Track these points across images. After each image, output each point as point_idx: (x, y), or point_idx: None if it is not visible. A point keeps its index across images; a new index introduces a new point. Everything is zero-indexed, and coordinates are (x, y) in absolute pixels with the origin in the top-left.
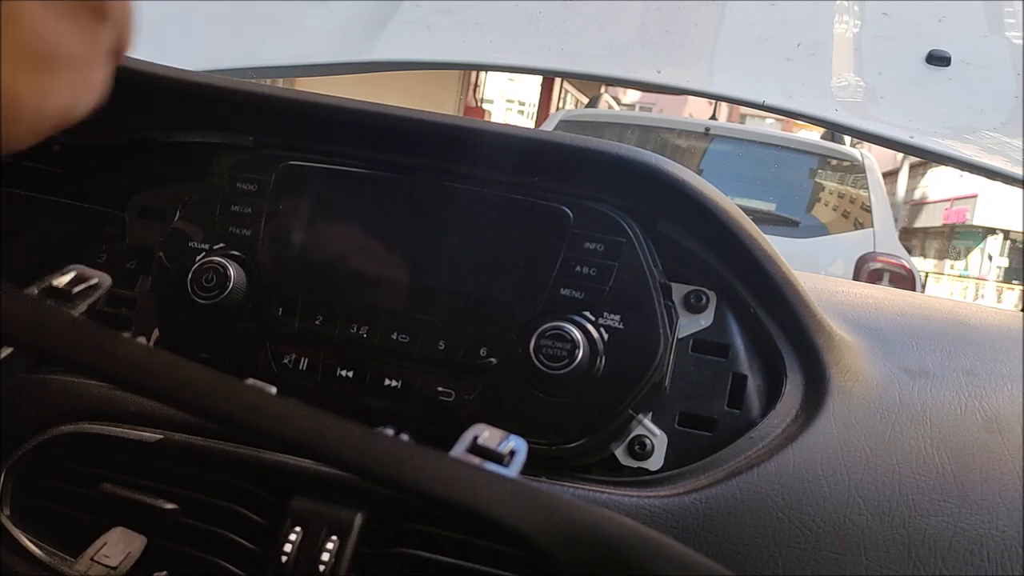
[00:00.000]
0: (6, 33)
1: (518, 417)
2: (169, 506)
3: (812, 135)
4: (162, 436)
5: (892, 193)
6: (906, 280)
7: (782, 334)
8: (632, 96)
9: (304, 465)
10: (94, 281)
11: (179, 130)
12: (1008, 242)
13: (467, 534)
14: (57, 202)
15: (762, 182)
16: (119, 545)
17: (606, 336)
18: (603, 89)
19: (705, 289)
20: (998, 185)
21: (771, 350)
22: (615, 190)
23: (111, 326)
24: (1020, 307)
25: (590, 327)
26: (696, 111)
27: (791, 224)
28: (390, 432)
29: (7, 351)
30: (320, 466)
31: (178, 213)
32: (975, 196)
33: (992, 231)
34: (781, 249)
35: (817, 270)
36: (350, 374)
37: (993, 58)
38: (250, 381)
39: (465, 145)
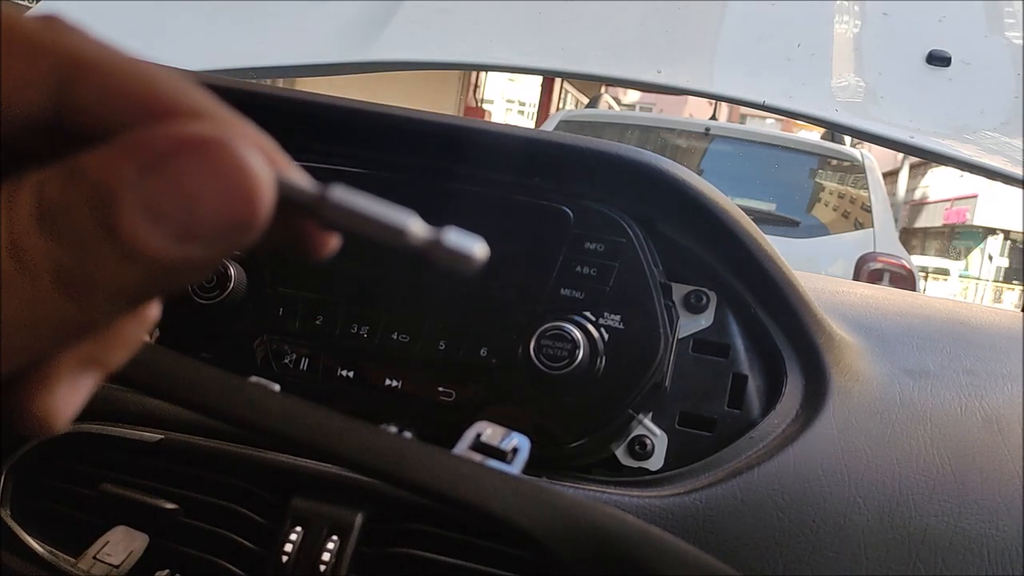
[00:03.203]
0: None
1: (518, 417)
2: (170, 506)
3: (812, 135)
4: (163, 436)
5: (892, 193)
6: (906, 280)
7: (782, 334)
8: (632, 96)
9: (304, 465)
10: None
11: None
12: (1008, 242)
13: (468, 534)
14: None
15: (762, 182)
16: (121, 544)
17: (606, 336)
18: (603, 89)
19: (705, 289)
20: (998, 185)
21: (771, 350)
22: (615, 190)
23: None
24: (1020, 307)
25: (590, 327)
26: (696, 111)
27: (791, 224)
28: (393, 430)
29: None
30: (320, 465)
31: None
32: (975, 196)
33: (992, 231)
34: (781, 249)
35: (817, 270)
36: (350, 374)
37: (993, 58)
38: (253, 379)
39: (465, 145)
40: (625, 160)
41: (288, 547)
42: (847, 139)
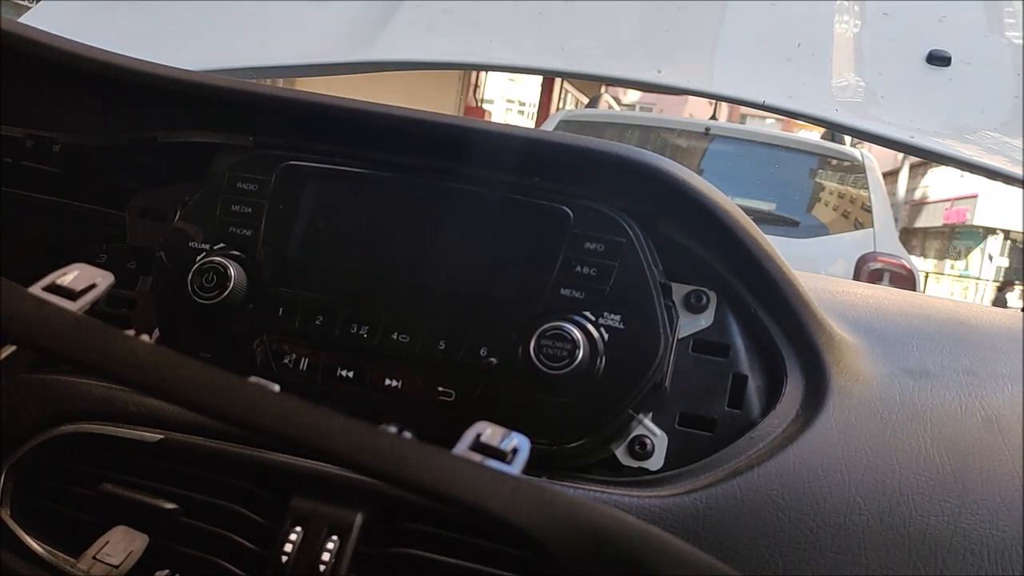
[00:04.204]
0: None
1: (519, 417)
2: (169, 506)
3: (812, 135)
4: (163, 436)
5: (892, 193)
6: (906, 280)
7: (782, 334)
8: (632, 96)
9: (304, 465)
10: (97, 279)
11: (179, 130)
12: (1008, 242)
13: (467, 534)
14: (57, 202)
15: (762, 182)
16: (121, 544)
17: (606, 336)
18: (603, 89)
19: (705, 289)
20: (998, 185)
21: (771, 350)
22: (615, 190)
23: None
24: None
25: (590, 327)
26: (696, 111)
27: (791, 224)
28: (393, 430)
29: (9, 350)
30: (320, 465)
31: (178, 213)
32: (975, 196)
33: (992, 231)
34: (781, 249)
35: (817, 270)
36: (350, 374)
37: (993, 58)
38: (253, 379)
39: (465, 145)
40: (625, 160)
41: (288, 547)
42: (847, 139)
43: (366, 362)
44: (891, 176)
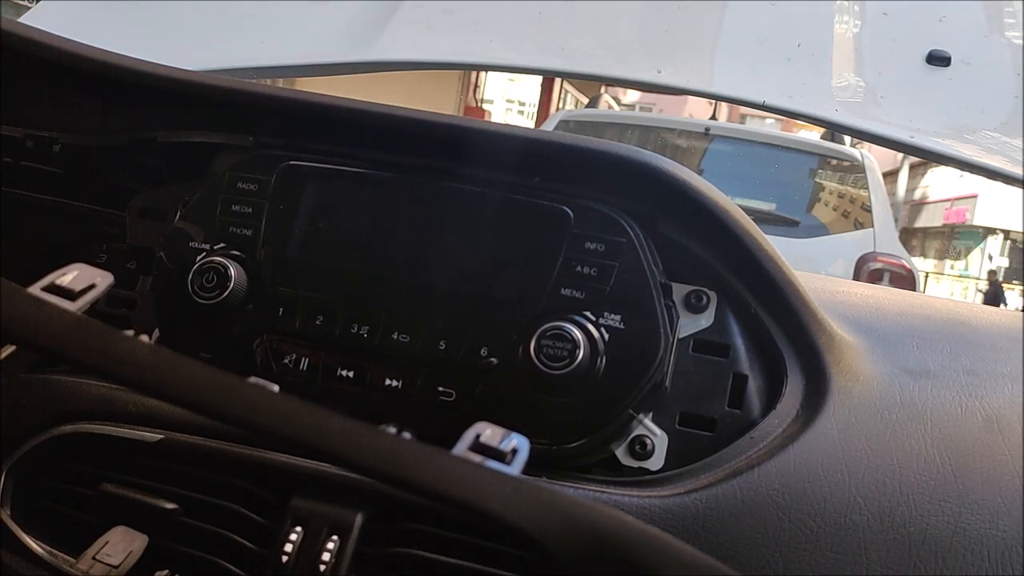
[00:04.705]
0: None
1: (519, 417)
2: (169, 506)
3: (812, 135)
4: (163, 436)
5: (892, 193)
6: (906, 280)
7: (782, 334)
8: (632, 96)
9: (304, 465)
10: (96, 280)
11: (179, 130)
12: (1008, 242)
13: (468, 534)
14: (57, 202)
15: (762, 182)
16: (121, 544)
17: (607, 336)
18: (603, 89)
19: (705, 289)
20: (998, 185)
21: (771, 350)
22: (616, 190)
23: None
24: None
25: (591, 327)
26: (696, 111)
27: (791, 224)
28: (393, 430)
29: (8, 350)
30: (320, 466)
31: (178, 213)
32: (975, 196)
33: (992, 231)
34: (781, 249)
35: (817, 270)
36: (350, 374)
37: (993, 58)
38: (252, 379)
39: (465, 145)
40: (625, 160)
41: (288, 547)
42: (847, 139)
43: (366, 362)
44: (891, 176)
